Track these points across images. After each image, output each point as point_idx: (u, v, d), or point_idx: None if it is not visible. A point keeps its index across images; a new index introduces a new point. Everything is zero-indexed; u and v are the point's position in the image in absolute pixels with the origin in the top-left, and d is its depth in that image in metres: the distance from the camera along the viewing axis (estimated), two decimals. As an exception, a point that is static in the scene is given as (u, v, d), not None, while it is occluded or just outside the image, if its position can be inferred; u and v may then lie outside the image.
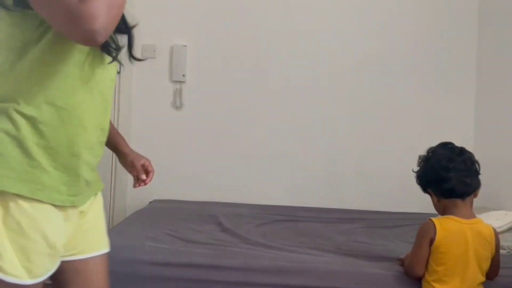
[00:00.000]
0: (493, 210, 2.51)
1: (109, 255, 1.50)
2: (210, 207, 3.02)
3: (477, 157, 1.90)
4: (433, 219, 1.79)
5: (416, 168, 1.93)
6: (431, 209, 3.08)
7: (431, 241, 1.75)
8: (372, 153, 3.36)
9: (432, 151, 1.89)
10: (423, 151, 3.48)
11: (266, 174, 3.36)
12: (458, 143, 3.45)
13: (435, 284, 1.73)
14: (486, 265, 1.78)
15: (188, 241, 2.20)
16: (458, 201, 1.78)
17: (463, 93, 3.39)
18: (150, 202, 3.18)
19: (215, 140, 3.36)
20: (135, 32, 1.40)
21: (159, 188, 3.30)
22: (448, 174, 1.77)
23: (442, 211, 1.83)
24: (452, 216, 1.77)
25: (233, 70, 3.36)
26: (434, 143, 3.46)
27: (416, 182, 1.92)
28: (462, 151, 1.84)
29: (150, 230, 2.33)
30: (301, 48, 3.36)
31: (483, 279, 1.76)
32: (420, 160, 1.92)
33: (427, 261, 1.77)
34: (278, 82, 3.36)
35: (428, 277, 1.76)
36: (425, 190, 1.89)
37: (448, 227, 1.74)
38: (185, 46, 3.33)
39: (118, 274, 1.89)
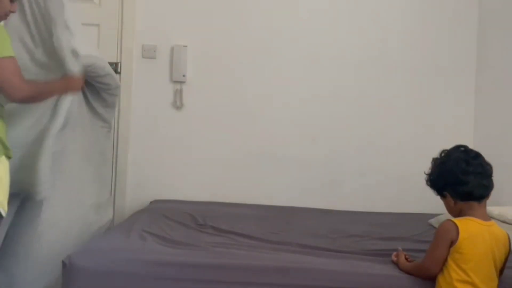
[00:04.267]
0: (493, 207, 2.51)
1: None
2: (210, 207, 3.02)
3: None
4: (453, 219, 1.78)
5: (428, 170, 1.93)
6: (431, 210, 3.11)
7: (451, 242, 1.74)
8: (372, 154, 3.36)
9: (447, 154, 1.89)
10: (423, 151, 3.48)
11: (266, 174, 3.36)
12: (458, 142, 3.45)
13: (457, 284, 1.72)
14: (499, 267, 1.79)
15: (188, 241, 2.20)
16: (475, 204, 1.79)
17: (463, 93, 3.39)
18: (150, 202, 3.18)
19: (215, 140, 3.36)
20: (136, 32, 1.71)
21: (159, 188, 3.31)
22: (467, 177, 1.79)
23: (458, 213, 1.83)
24: (471, 218, 1.77)
25: (233, 70, 3.36)
26: (435, 143, 3.46)
27: (428, 184, 1.92)
28: (477, 154, 1.86)
29: (150, 230, 2.33)
30: (301, 48, 3.36)
31: (497, 281, 1.77)
32: (434, 162, 1.92)
33: (446, 262, 1.76)
34: (277, 82, 3.36)
35: (448, 278, 1.75)
36: (440, 192, 1.88)
37: (469, 229, 1.74)
38: (186, 46, 3.33)
39: (118, 274, 1.90)
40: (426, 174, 1.93)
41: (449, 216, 1.89)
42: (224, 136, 3.36)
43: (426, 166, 3.45)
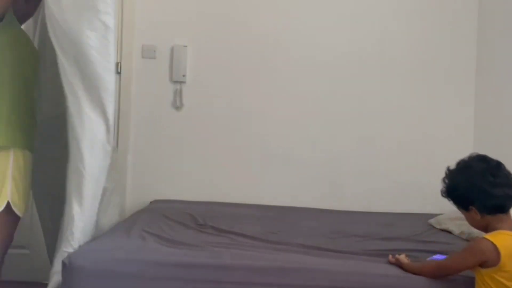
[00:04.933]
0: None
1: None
2: (210, 207, 3.02)
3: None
4: (489, 237, 1.72)
5: (445, 182, 1.87)
6: (431, 210, 3.11)
7: (485, 262, 1.69)
8: (372, 154, 3.36)
9: (468, 166, 1.82)
10: (423, 152, 3.49)
11: (266, 174, 3.36)
12: (458, 143, 3.46)
13: None
14: None
15: (188, 241, 2.20)
16: (503, 216, 1.76)
17: (463, 92, 3.39)
18: (150, 202, 3.18)
19: (215, 140, 3.36)
20: (136, 32, 1.74)
21: (159, 188, 3.31)
22: (496, 190, 1.73)
23: (485, 227, 1.78)
24: (503, 231, 1.73)
25: (233, 71, 3.36)
26: (435, 143, 3.47)
27: (445, 195, 1.86)
28: (498, 163, 1.81)
29: (150, 230, 2.33)
30: (302, 48, 3.36)
31: None
32: (452, 174, 1.85)
33: (481, 278, 1.72)
34: (278, 82, 3.36)
35: None
36: (465, 207, 1.81)
37: (506, 245, 1.69)
38: (186, 46, 3.33)
39: (118, 274, 1.90)
40: (444, 187, 1.86)
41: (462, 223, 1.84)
42: (224, 136, 3.36)
43: (426, 166, 3.46)
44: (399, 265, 1.94)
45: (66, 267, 1.90)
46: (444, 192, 1.87)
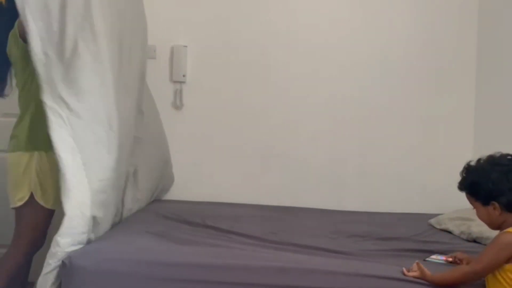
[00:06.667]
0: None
1: None
2: (210, 207, 3.03)
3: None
4: None
5: (469, 178, 1.87)
6: (431, 210, 3.10)
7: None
8: (372, 154, 3.35)
9: (499, 162, 1.83)
10: (423, 152, 3.48)
11: (266, 174, 3.35)
12: (458, 143, 3.45)
13: None
14: None
15: (188, 241, 2.20)
16: None
17: (463, 93, 3.38)
18: (150, 202, 3.18)
19: (215, 140, 3.35)
20: None
21: (159, 188, 3.30)
22: None
23: (500, 223, 1.80)
24: None
25: (233, 70, 3.36)
26: (435, 143, 3.46)
27: (467, 189, 1.86)
28: None
29: (151, 230, 2.33)
30: (302, 48, 3.35)
31: None
32: (479, 169, 1.85)
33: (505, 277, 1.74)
34: (278, 82, 3.36)
35: None
36: (486, 201, 1.82)
37: None
38: (186, 46, 3.33)
39: (118, 274, 1.90)
40: (465, 181, 1.86)
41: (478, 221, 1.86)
42: (224, 136, 3.35)
43: (426, 166, 3.45)
44: (420, 277, 1.87)
45: (66, 267, 1.90)
46: (463, 186, 1.88)
